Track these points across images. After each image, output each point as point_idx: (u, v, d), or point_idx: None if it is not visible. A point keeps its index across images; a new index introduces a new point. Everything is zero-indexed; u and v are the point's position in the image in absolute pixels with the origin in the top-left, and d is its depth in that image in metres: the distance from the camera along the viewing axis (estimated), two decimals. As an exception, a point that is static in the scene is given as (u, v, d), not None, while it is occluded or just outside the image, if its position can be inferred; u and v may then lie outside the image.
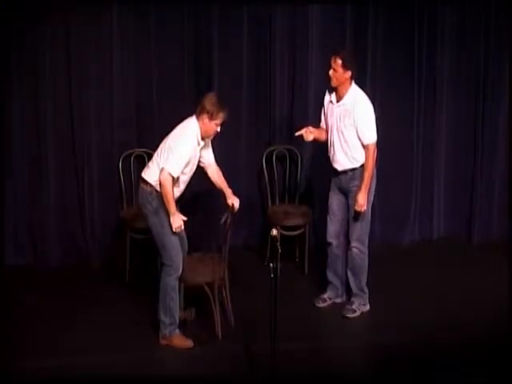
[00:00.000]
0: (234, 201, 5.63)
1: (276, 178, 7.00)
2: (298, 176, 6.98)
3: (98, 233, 6.88)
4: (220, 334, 5.68)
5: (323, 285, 6.29)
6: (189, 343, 5.57)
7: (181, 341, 5.57)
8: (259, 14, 6.87)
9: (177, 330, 5.58)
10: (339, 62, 5.63)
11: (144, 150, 6.71)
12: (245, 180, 7.15)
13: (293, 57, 6.99)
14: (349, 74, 5.67)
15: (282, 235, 6.18)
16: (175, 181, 5.40)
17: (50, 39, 6.51)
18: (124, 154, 6.67)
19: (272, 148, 6.98)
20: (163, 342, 5.58)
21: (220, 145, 6.99)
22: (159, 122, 6.82)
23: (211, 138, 5.56)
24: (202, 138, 5.48)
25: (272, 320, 4.77)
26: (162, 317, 5.54)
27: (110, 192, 6.83)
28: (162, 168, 5.34)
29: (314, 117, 6.22)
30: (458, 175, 7.52)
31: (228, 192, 5.68)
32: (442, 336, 5.66)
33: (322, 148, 6.08)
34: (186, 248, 5.73)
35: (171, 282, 5.49)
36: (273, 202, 6.99)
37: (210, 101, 5.37)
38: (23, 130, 6.64)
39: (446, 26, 7.17)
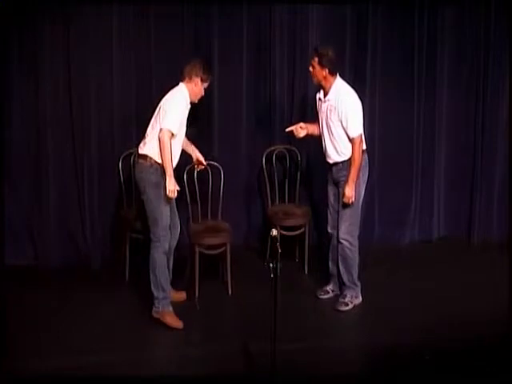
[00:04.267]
0: (198, 155, 6.01)
1: (276, 178, 7.00)
2: (298, 176, 6.98)
3: (98, 233, 6.88)
4: (230, 291, 6.23)
5: (323, 285, 6.31)
6: (179, 324, 5.76)
7: (172, 320, 5.77)
8: (259, 14, 6.88)
9: (170, 308, 5.79)
10: (316, 58, 5.82)
11: (144, 149, 6.70)
12: (245, 180, 7.15)
13: (293, 57, 6.99)
14: (326, 71, 5.81)
15: (281, 235, 6.19)
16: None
17: (49, 39, 6.51)
18: (124, 154, 6.67)
19: (272, 148, 6.98)
20: (155, 315, 5.80)
21: (220, 145, 7.01)
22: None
23: (197, 101, 5.83)
24: (190, 102, 5.76)
25: (272, 320, 4.77)
26: (155, 292, 5.79)
27: (110, 192, 6.83)
28: (161, 129, 5.60)
29: (313, 116, 6.22)
30: (457, 175, 7.52)
31: (194, 151, 6.04)
32: (441, 336, 5.66)
33: (321, 148, 6.09)
34: (178, 226, 5.98)
35: (158, 257, 5.75)
36: (273, 202, 6.98)
37: (199, 64, 5.75)
38: (23, 130, 6.64)
39: (445, 26, 7.18)
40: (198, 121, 6.68)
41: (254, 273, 6.46)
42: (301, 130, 6.04)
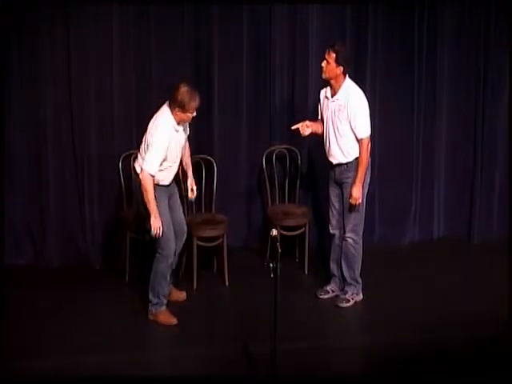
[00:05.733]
0: (193, 185, 5.90)
1: (276, 178, 7.00)
2: (298, 176, 6.98)
3: (98, 233, 6.88)
4: (228, 282, 6.42)
5: (323, 285, 6.31)
6: (173, 320, 5.81)
7: (166, 317, 5.82)
8: (259, 14, 6.87)
9: (163, 307, 5.83)
10: (333, 55, 5.76)
11: (144, 150, 6.71)
12: (245, 180, 7.15)
13: (293, 57, 6.99)
14: (340, 69, 5.78)
15: (281, 235, 6.20)
16: (163, 169, 5.62)
17: (49, 39, 6.51)
18: (124, 154, 6.67)
19: (272, 148, 6.98)
20: (150, 318, 5.86)
21: (220, 145, 7.02)
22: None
23: (188, 122, 5.73)
24: (179, 124, 5.63)
25: (272, 320, 4.77)
26: (151, 296, 5.82)
27: (110, 192, 6.83)
28: (142, 168, 5.56)
29: (314, 116, 6.23)
30: (457, 175, 7.52)
31: (189, 178, 5.93)
32: (442, 336, 5.66)
33: (321, 148, 6.10)
34: (184, 235, 5.96)
35: (161, 269, 5.75)
36: (273, 202, 6.99)
37: (180, 92, 5.49)
38: (23, 130, 6.63)
39: (445, 26, 7.17)
40: (199, 121, 6.69)
41: (253, 273, 6.46)
42: (306, 128, 6.00)
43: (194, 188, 5.92)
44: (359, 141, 5.84)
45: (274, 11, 6.87)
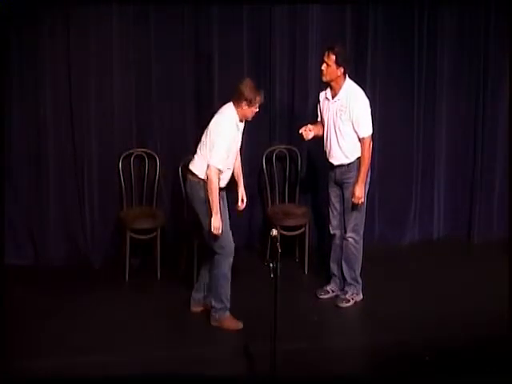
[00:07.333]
0: (243, 195, 5.84)
1: (276, 178, 7.00)
2: (298, 176, 6.98)
3: (98, 233, 6.87)
4: None
5: (323, 285, 6.31)
6: (239, 325, 5.74)
7: (231, 323, 5.74)
8: (259, 14, 6.88)
9: (227, 313, 5.74)
10: (333, 57, 5.73)
11: (144, 149, 6.72)
12: (245, 180, 7.11)
13: (293, 57, 6.99)
14: (341, 70, 5.76)
15: (282, 235, 6.20)
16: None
17: (49, 39, 6.51)
18: (124, 154, 6.67)
19: (272, 148, 6.98)
20: (214, 323, 5.76)
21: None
22: (159, 122, 6.83)
23: (250, 119, 5.70)
24: (241, 121, 5.63)
25: (272, 320, 4.77)
26: (213, 303, 5.72)
27: (109, 192, 6.82)
28: (208, 165, 5.50)
29: (314, 116, 6.23)
30: (458, 175, 7.53)
31: (241, 187, 5.88)
32: (442, 336, 5.66)
33: (321, 148, 6.10)
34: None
35: (223, 269, 5.66)
36: (273, 202, 6.99)
37: (246, 87, 5.51)
38: (23, 131, 6.63)
39: (445, 26, 7.19)
40: (199, 121, 6.70)
41: (253, 273, 6.46)
42: (309, 131, 5.97)
43: (245, 199, 5.85)
44: (361, 140, 5.84)
45: (274, 11, 6.87)
